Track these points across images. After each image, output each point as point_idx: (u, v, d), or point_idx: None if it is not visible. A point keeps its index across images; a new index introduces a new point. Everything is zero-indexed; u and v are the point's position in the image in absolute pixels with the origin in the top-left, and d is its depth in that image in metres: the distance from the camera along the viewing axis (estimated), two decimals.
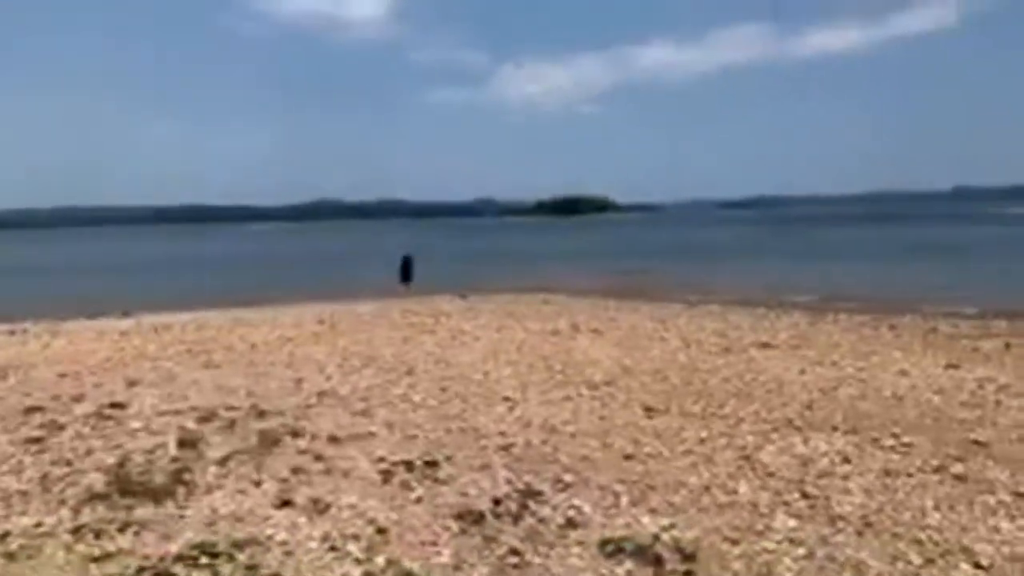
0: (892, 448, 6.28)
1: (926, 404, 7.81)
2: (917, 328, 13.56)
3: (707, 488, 5.38)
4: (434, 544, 4.50)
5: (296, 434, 6.78)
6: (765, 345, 11.67)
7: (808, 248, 46.97)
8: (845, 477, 5.58)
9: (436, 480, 5.57)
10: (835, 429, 6.88)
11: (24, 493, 5.38)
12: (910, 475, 5.61)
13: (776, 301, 18.22)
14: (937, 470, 5.71)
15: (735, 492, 5.30)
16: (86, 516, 4.93)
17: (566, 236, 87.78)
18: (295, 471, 5.77)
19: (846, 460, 5.97)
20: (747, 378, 9.18)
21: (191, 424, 7.16)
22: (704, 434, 6.74)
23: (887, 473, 5.66)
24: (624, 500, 5.16)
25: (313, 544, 4.48)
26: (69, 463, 6.05)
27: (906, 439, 6.50)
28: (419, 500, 5.19)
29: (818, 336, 12.67)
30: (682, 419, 7.30)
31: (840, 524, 4.72)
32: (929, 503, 5.05)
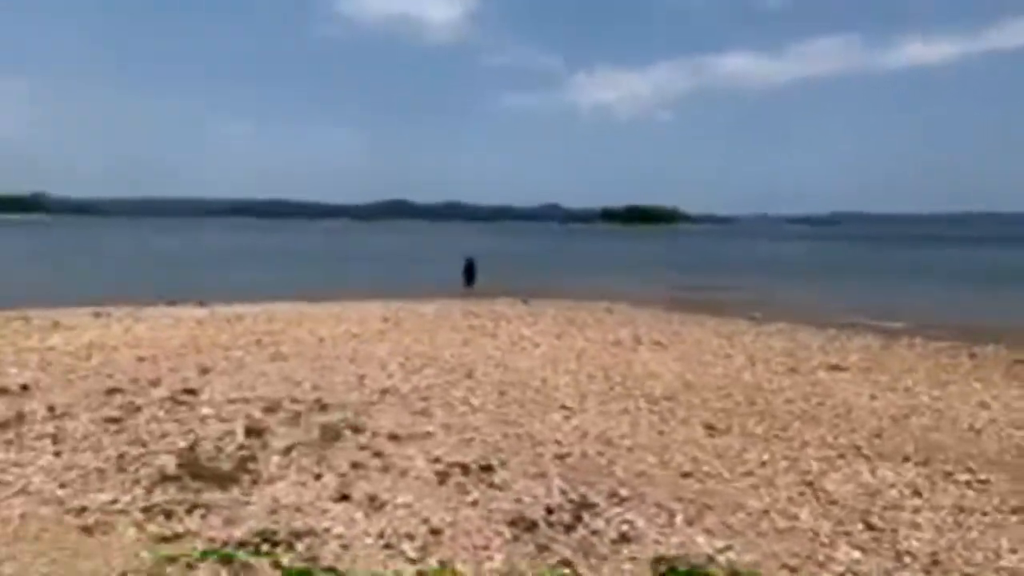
0: (967, 484, 5.99)
1: (1006, 439, 7.42)
2: (1000, 358, 12.87)
3: (766, 512, 5.25)
4: (486, 548, 4.53)
5: (357, 430, 6.93)
6: (834, 367, 11.29)
7: (884, 268, 45.24)
8: (915, 511, 5.35)
9: (491, 485, 5.61)
10: (906, 460, 6.60)
11: (101, 471, 5.67)
12: (985, 513, 5.35)
13: (848, 321, 17.59)
14: (1015, 511, 5.42)
15: (796, 518, 5.16)
16: (157, 496, 5.16)
17: (631, 245, 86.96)
18: (354, 466, 5.90)
19: (916, 493, 5.73)
20: (814, 401, 8.91)
21: (258, 414, 7.40)
22: (766, 456, 6.57)
23: (960, 510, 5.41)
24: (679, 518, 5.09)
25: (369, 540, 4.58)
26: (144, 444, 6.34)
27: (982, 475, 6.19)
28: (474, 503, 5.23)
29: (891, 360, 12.19)
30: (744, 439, 7.13)
31: (907, 560, 4.53)
32: (1005, 544, 4.80)
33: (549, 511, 5.11)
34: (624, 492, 5.54)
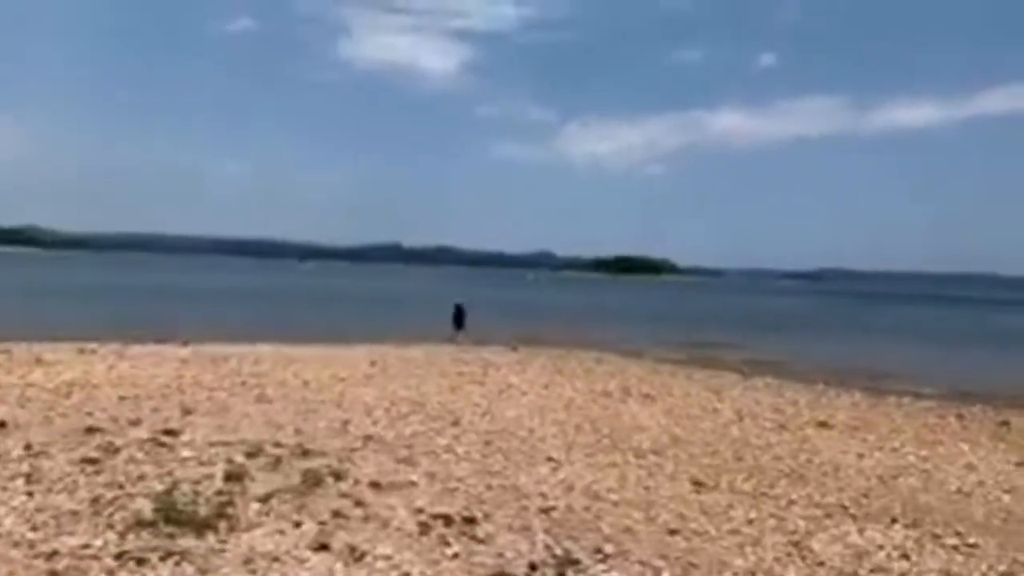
0: (955, 548, 5.93)
1: (994, 503, 7.38)
2: (987, 420, 12.89)
3: (753, 572, 5.16)
4: None
5: (339, 477, 6.81)
6: (822, 424, 11.26)
7: (871, 325, 45.51)
8: (902, 575, 5.28)
9: (473, 538, 5.50)
10: (894, 521, 6.54)
11: (75, 513, 5.52)
12: None
13: (836, 379, 17.61)
14: None
15: None
16: (131, 542, 5.02)
17: (622, 295, 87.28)
18: (335, 515, 5.78)
19: (904, 556, 5.66)
20: (801, 458, 8.86)
21: (239, 458, 7.27)
22: (753, 514, 6.49)
23: (948, 574, 5.34)
24: None
25: None
26: (121, 486, 6.20)
27: (971, 539, 6.13)
28: (455, 556, 5.12)
29: (879, 419, 12.17)
30: (731, 496, 7.06)
31: None
32: None
33: (532, 567, 5.00)
34: (609, 548, 5.44)
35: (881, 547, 5.82)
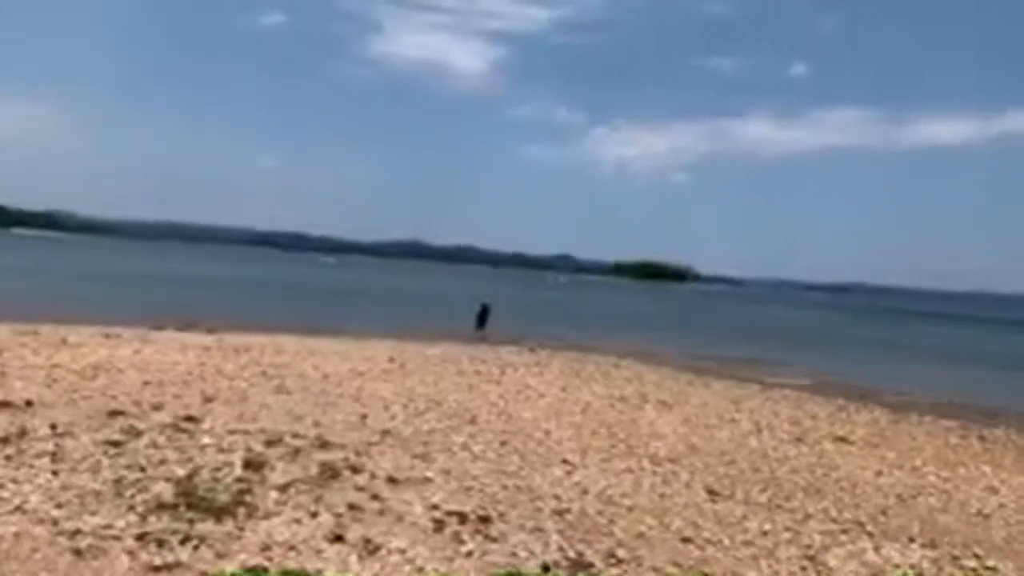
0: (974, 570, 5.86)
1: (1016, 526, 7.27)
2: (1011, 442, 12.67)
3: None
4: None
5: (356, 470, 6.88)
6: (841, 439, 11.15)
7: (895, 342, 44.91)
8: None
9: (487, 536, 5.53)
10: (911, 540, 6.47)
11: (98, 493, 5.64)
12: None
13: (857, 394, 17.42)
14: None
15: None
16: (152, 524, 5.12)
17: (642, 300, 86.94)
18: (351, 507, 5.84)
19: None
20: (818, 472, 8.79)
21: (258, 447, 7.37)
22: (768, 526, 6.46)
23: None
24: None
25: None
26: (143, 469, 6.32)
27: (990, 562, 6.05)
28: (469, 554, 5.15)
29: (899, 437, 12.02)
30: (746, 507, 7.03)
31: None
32: None
33: (545, 568, 5.03)
34: (622, 553, 5.45)
35: (897, 566, 5.77)
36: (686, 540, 5.92)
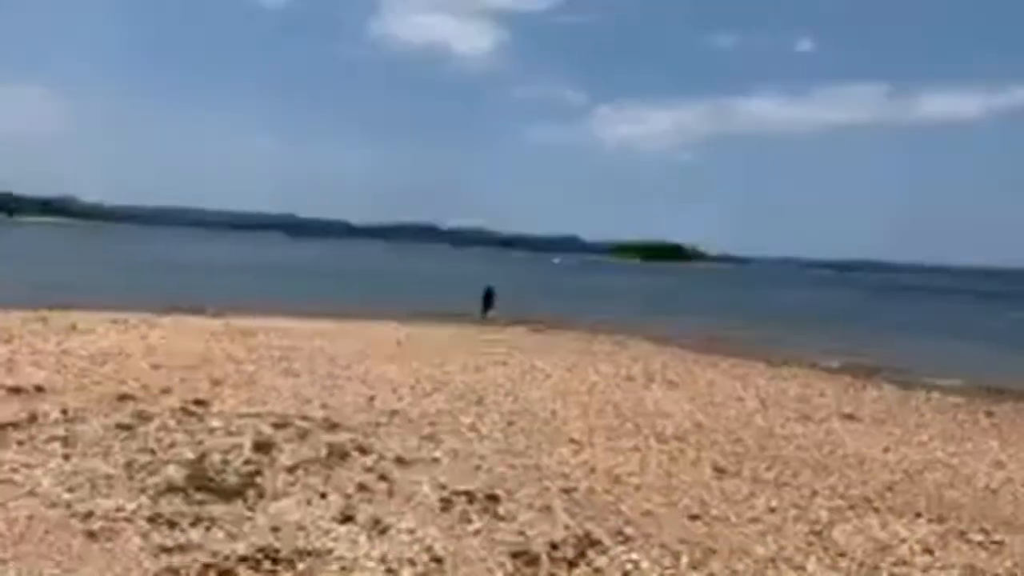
0: (980, 544, 5.87)
1: (1023, 501, 7.27)
2: (1018, 417, 12.66)
3: (772, 560, 5.17)
4: None
5: (364, 451, 6.93)
6: (848, 416, 11.15)
7: (903, 318, 44.79)
8: (925, 569, 5.25)
9: (495, 515, 5.57)
10: (918, 516, 6.49)
11: (109, 477, 5.70)
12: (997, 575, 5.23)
13: (863, 371, 17.40)
14: None
15: (803, 568, 5.08)
16: (163, 506, 5.17)
17: (647, 281, 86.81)
18: (360, 488, 5.89)
19: (927, 551, 5.62)
20: (825, 449, 8.80)
21: (267, 429, 7.42)
22: (775, 503, 6.48)
23: (972, 570, 5.30)
24: (684, 561, 5.02)
25: (371, 564, 4.55)
26: (153, 453, 6.38)
27: (997, 536, 6.06)
28: (476, 533, 5.19)
29: (906, 414, 12.02)
30: (753, 484, 7.05)
31: None
32: None
33: (553, 546, 5.06)
34: (630, 531, 5.48)
35: (904, 541, 5.79)
36: (693, 517, 5.95)
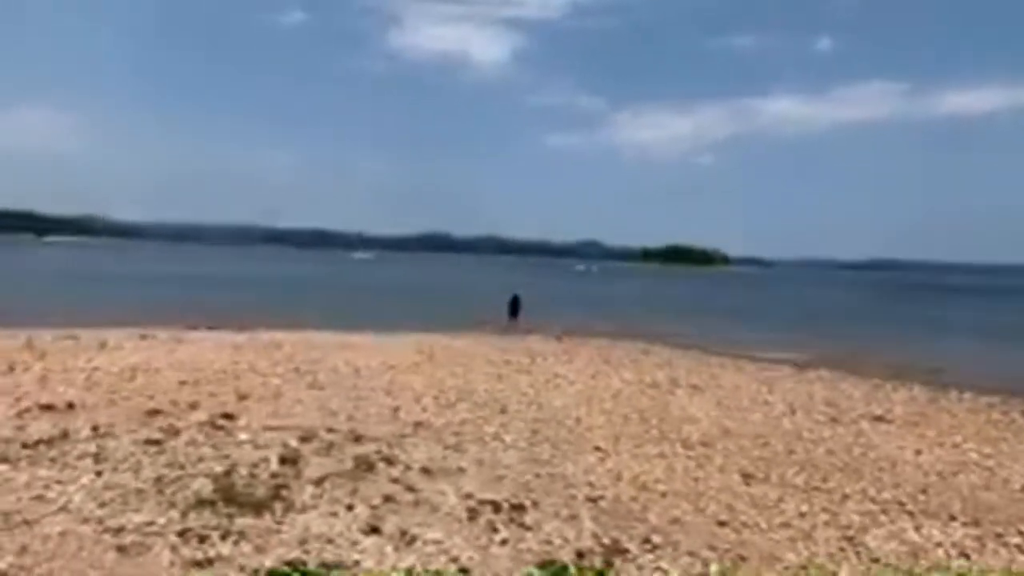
0: (1018, 547, 5.74)
1: None
2: None
3: (804, 567, 5.09)
4: None
5: (390, 462, 6.95)
6: (878, 419, 10.98)
7: (931, 318, 44.04)
8: (961, 574, 5.14)
9: (522, 525, 5.55)
10: (953, 519, 6.36)
11: (140, 492, 5.77)
12: None
13: (893, 372, 17.12)
14: None
15: (835, 575, 4.99)
16: (192, 520, 5.22)
17: (670, 286, 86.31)
18: (386, 499, 5.90)
19: (963, 554, 5.50)
20: (856, 452, 8.66)
21: (293, 442, 7.47)
22: (805, 508, 6.39)
23: (1010, 574, 5.17)
24: (713, 568, 4.96)
25: (398, 575, 4.55)
26: (182, 467, 6.45)
27: None
28: (503, 543, 5.18)
29: (939, 414, 11.80)
30: (782, 489, 6.96)
31: None
32: None
33: (580, 555, 5.03)
34: (657, 539, 5.43)
35: (939, 544, 5.68)
36: (722, 524, 5.88)
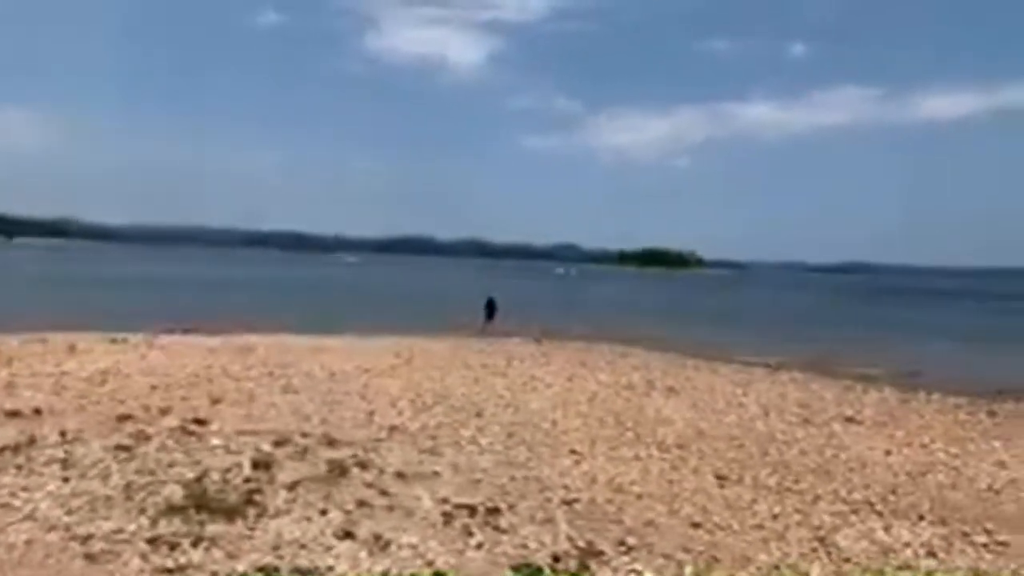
0: (984, 546, 5.86)
1: None
2: (1020, 416, 12.64)
3: (776, 567, 5.15)
4: None
5: (364, 466, 6.91)
6: (849, 420, 11.14)
7: (902, 321, 44.78)
8: (930, 573, 5.23)
9: (497, 528, 5.55)
10: (921, 518, 6.47)
11: (109, 499, 5.68)
12: None
13: (864, 374, 17.38)
14: None
15: (807, 575, 5.05)
16: (163, 527, 5.15)
17: (645, 288, 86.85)
18: (360, 504, 5.87)
19: (931, 553, 5.60)
20: (827, 453, 8.78)
21: (266, 447, 7.40)
22: (777, 509, 6.46)
23: (977, 573, 5.28)
24: (688, 570, 5.00)
25: None
26: (152, 473, 6.35)
27: (1001, 537, 6.05)
28: (479, 547, 5.17)
29: (908, 415, 12.00)
30: (755, 491, 7.03)
31: None
32: None
33: (555, 558, 5.04)
34: (632, 541, 5.46)
35: (908, 544, 5.77)
36: (696, 526, 5.93)
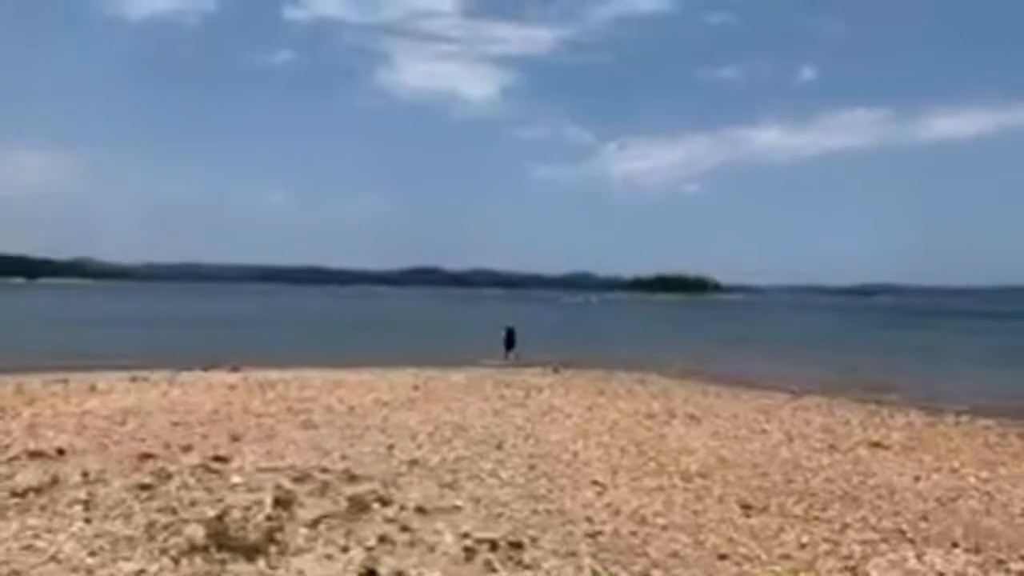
0: (1021, 573, 5.69)
1: None
2: None
3: None
4: None
5: (385, 502, 6.86)
6: (876, 445, 10.94)
7: (925, 342, 44.18)
8: None
9: (520, 563, 5.47)
10: (954, 546, 6.31)
11: (131, 539, 5.66)
12: None
13: (889, 398, 17.11)
14: None
15: None
16: (184, 567, 5.12)
17: (661, 315, 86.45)
18: (382, 540, 5.81)
19: None
20: (854, 480, 8.61)
21: (287, 483, 7.37)
22: (805, 538, 6.33)
23: None
24: None
25: None
26: (174, 512, 6.34)
27: None
28: None
29: (936, 439, 11.77)
30: (781, 519, 6.89)
31: None
32: None
33: None
34: (657, 574, 5.36)
35: (942, 573, 5.62)
36: (722, 557, 5.81)
